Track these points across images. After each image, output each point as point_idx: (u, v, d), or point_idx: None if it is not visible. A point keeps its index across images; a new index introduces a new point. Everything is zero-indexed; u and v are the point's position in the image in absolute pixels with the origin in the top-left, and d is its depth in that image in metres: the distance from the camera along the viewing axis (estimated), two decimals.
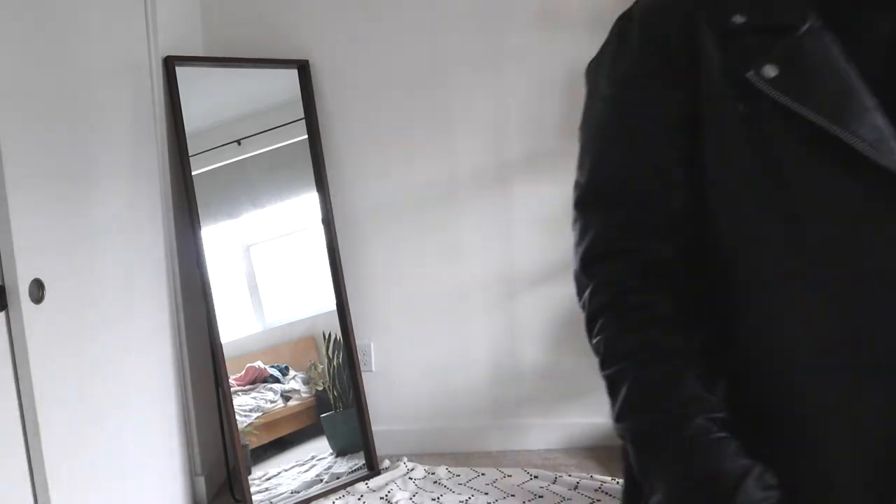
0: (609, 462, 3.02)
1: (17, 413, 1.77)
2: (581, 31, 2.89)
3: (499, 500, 2.76)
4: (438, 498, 2.79)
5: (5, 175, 1.70)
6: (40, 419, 1.79)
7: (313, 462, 2.89)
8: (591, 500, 2.73)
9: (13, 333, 1.74)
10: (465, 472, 2.98)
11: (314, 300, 2.99)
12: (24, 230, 1.77)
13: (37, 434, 1.79)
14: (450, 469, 3.01)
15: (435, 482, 2.91)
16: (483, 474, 2.96)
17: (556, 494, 2.77)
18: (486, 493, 2.81)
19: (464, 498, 2.78)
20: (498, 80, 2.97)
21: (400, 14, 2.96)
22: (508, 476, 2.92)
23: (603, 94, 0.90)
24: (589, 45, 3.22)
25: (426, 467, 3.02)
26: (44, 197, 1.87)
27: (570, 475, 2.89)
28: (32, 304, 1.78)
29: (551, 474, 2.91)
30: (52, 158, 1.93)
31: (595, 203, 0.89)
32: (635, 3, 0.90)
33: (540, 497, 2.77)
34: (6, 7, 1.72)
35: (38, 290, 1.81)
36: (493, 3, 2.94)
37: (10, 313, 1.74)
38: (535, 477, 2.88)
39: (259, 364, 2.84)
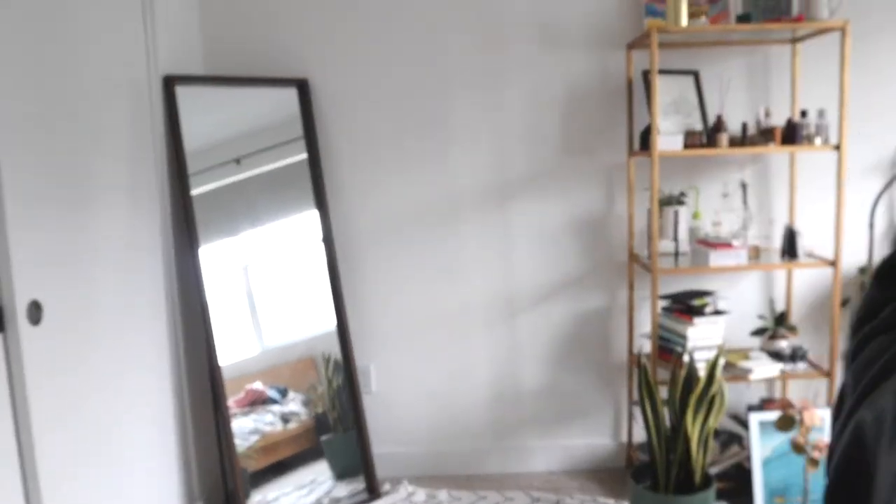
0: (612, 483, 2.99)
1: (13, 436, 1.74)
2: (581, 47, 2.90)
3: None
4: None
5: (4, 196, 1.68)
6: (36, 441, 1.76)
7: (313, 486, 2.85)
8: None
9: (10, 355, 1.72)
10: (465, 496, 2.94)
11: (313, 321, 2.96)
12: (23, 251, 1.74)
13: (33, 457, 1.76)
14: (451, 493, 2.97)
15: None
16: (485, 498, 2.92)
17: None
18: None
19: None
20: (497, 97, 2.97)
21: (399, 32, 2.96)
22: (510, 499, 2.88)
23: None
24: (588, 62, 3.27)
25: (427, 490, 2.98)
26: (42, 218, 1.85)
27: (572, 498, 2.85)
28: (30, 325, 1.76)
29: (554, 497, 2.87)
30: (51, 179, 1.91)
31: None
32: None
33: None
34: (6, 28, 1.71)
35: (36, 312, 1.78)
36: (492, 20, 2.94)
37: (8, 335, 1.71)
38: (538, 500, 2.84)
39: (258, 385, 2.80)
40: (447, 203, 3.04)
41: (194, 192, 2.65)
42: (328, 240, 2.95)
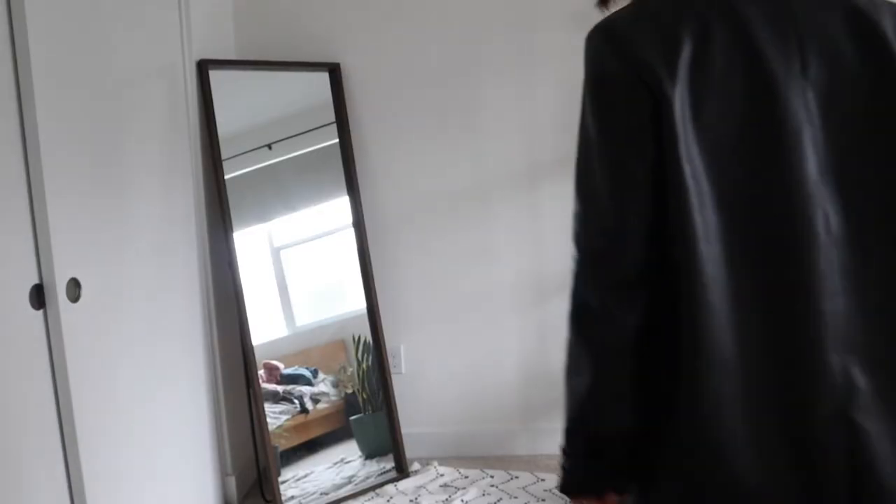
0: None
1: (55, 410, 1.79)
2: None
3: (530, 503, 2.74)
4: (468, 502, 2.77)
5: (44, 174, 1.72)
6: (76, 417, 1.82)
7: (342, 464, 2.89)
8: None
9: (51, 331, 1.77)
10: (498, 475, 2.96)
11: (344, 303, 2.99)
12: (62, 230, 1.79)
13: (73, 431, 1.81)
14: (483, 471, 3.00)
15: (465, 486, 2.89)
16: (517, 477, 2.94)
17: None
18: (516, 497, 2.79)
19: (492, 500, 2.77)
20: (529, 81, 2.96)
21: (430, 16, 2.96)
22: (542, 479, 2.90)
23: None
24: None
25: (457, 470, 3.01)
26: (81, 198, 1.90)
27: None
28: (70, 302, 1.81)
29: None
30: (89, 161, 1.95)
31: None
32: None
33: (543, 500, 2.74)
34: (47, 14, 1.75)
35: (75, 289, 1.83)
36: (525, 5, 2.93)
37: (48, 311, 1.76)
38: None
39: (273, 362, 2.83)
40: (478, 186, 3.05)
41: (227, 176, 2.69)
42: (359, 223, 2.97)
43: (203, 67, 2.63)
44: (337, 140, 2.96)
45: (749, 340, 0.90)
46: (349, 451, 2.92)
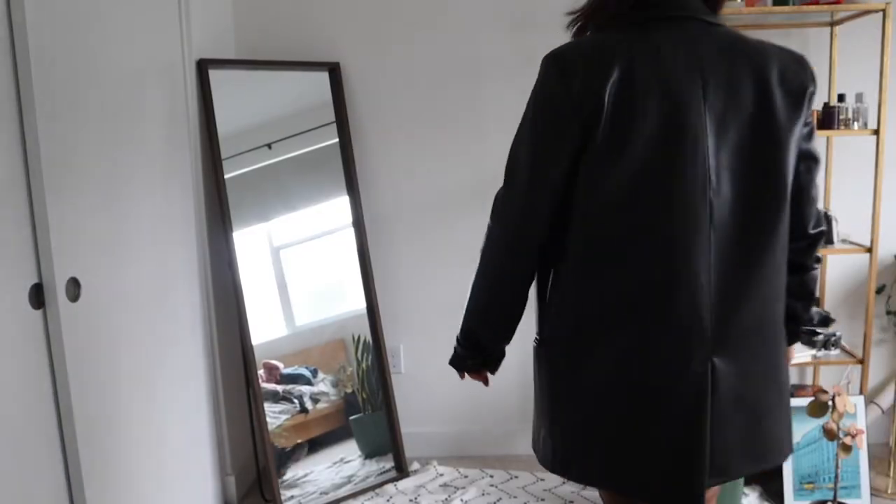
0: None
1: (54, 410, 1.79)
2: None
3: (530, 503, 2.74)
4: (468, 502, 2.77)
5: (43, 174, 1.72)
6: (76, 416, 1.82)
7: (342, 464, 2.89)
8: None
9: (50, 331, 1.77)
10: (498, 475, 2.96)
11: (344, 302, 2.99)
12: (62, 230, 1.79)
13: (72, 430, 1.81)
14: (482, 470, 3.00)
15: (464, 486, 2.89)
16: (517, 477, 2.94)
17: (588, 500, 2.74)
18: (516, 497, 2.79)
19: (492, 500, 2.77)
20: (529, 81, 2.94)
21: (430, 16, 2.96)
22: (542, 479, 2.91)
23: None
24: None
25: (456, 470, 3.01)
26: (80, 198, 1.90)
27: None
28: (69, 302, 1.80)
29: None
30: (88, 160, 1.95)
31: None
32: None
33: (571, 502, 2.74)
34: (47, 12, 1.75)
35: (74, 289, 1.83)
36: (525, 5, 2.93)
37: (48, 311, 1.76)
38: (565, 482, 2.85)
39: (273, 361, 2.83)
40: (477, 187, 3.05)
41: (227, 175, 2.68)
42: (358, 223, 2.97)
43: (203, 67, 2.63)
44: (337, 140, 2.96)
45: (633, 279, 1.26)
46: (349, 450, 2.92)
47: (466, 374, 1.58)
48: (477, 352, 1.51)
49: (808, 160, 1.37)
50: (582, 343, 1.32)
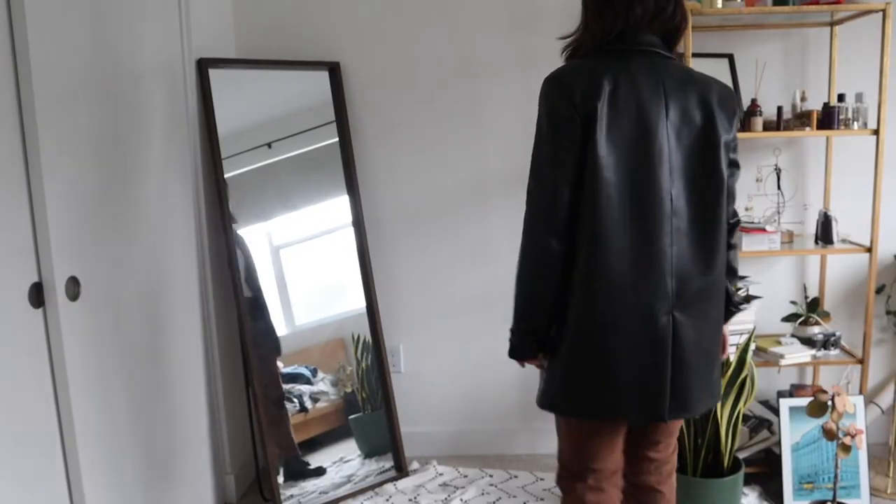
0: None
1: (54, 409, 1.79)
2: None
3: (529, 503, 2.74)
4: (467, 502, 2.77)
5: (43, 173, 1.72)
6: (75, 414, 1.82)
7: (341, 463, 2.89)
8: None
9: (50, 330, 1.77)
10: (497, 475, 2.96)
11: (343, 302, 2.99)
12: (61, 229, 1.79)
13: (72, 429, 1.81)
14: (482, 470, 3.00)
15: (463, 485, 2.89)
16: (516, 477, 2.94)
17: None
18: (515, 497, 2.79)
19: (491, 499, 2.77)
20: (528, 82, 2.96)
21: (430, 15, 2.96)
22: (541, 479, 2.91)
23: None
24: None
25: (456, 469, 3.01)
26: (80, 197, 1.90)
27: None
28: (69, 301, 1.81)
29: None
30: (88, 160, 1.95)
31: None
32: None
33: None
34: (46, 13, 1.75)
35: (74, 288, 1.83)
36: (524, 5, 2.93)
37: (47, 310, 1.76)
38: None
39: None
40: (477, 187, 3.05)
41: (227, 174, 2.68)
42: (358, 222, 2.97)
43: (203, 66, 2.63)
44: (336, 139, 2.96)
45: (628, 257, 1.61)
46: (348, 449, 2.92)
47: (526, 363, 1.79)
48: (531, 336, 1.72)
49: (733, 166, 1.74)
50: (584, 298, 1.65)
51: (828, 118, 2.67)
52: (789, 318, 2.92)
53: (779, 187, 2.89)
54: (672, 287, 1.64)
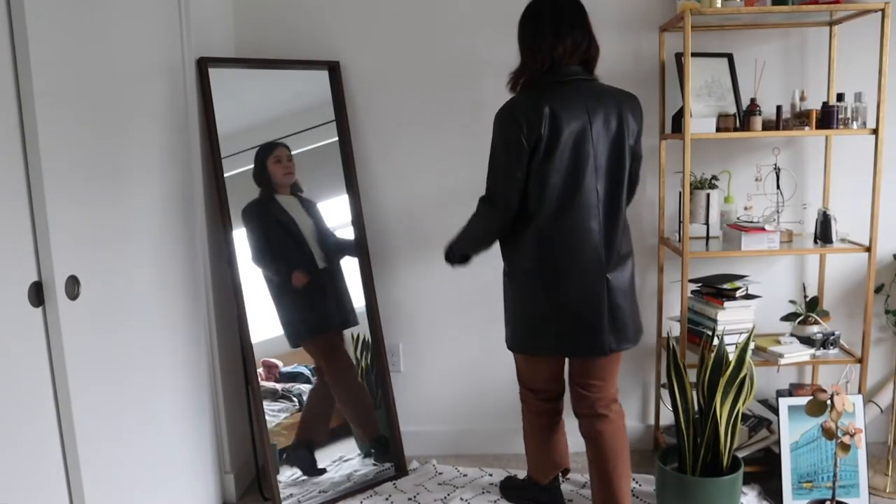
0: (638, 464, 2.99)
1: (53, 408, 1.79)
2: (614, 30, 2.88)
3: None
4: (468, 500, 2.78)
5: (43, 173, 1.72)
6: (75, 414, 1.82)
7: (341, 462, 2.89)
8: None
9: (49, 329, 1.77)
10: (496, 473, 2.97)
11: None
12: (61, 227, 1.79)
13: (72, 429, 1.82)
14: (481, 468, 3.00)
15: (463, 484, 2.90)
16: (514, 476, 2.94)
17: (586, 499, 2.75)
18: None
19: (491, 499, 2.77)
20: None
21: (430, 14, 2.97)
22: None
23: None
24: (620, 44, 3.22)
25: (455, 468, 3.01)
26: (80, 195, 1.90)
27: None
28: (68, 300, 1.81)
29: (582, 478, 2.89)
30: (88, 159, 1.95)
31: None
32: None
33: (570, 500, 2.75)
34: (47, 10, 1.75)
35: (73, 287, 1.83)
36: (524, 4, 2.93)
37: (47, 309, 1.76)
38: (567, 480, 2.86)
39: (272, 360, 2.83)
40: (477, 186, 3.03)
41: (227, 174, 2.69)
42: (358, 221, 2.97)
43: (203, 65, 2.63)
44: (336, 138, 2.96)
45: (563, 235, 2.19)
46: (348, 448, 2.92)
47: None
48: (462, 257, 2.46)
49: (636, 156, 2.29)
50: (540, 271, 2.24)
51: (827, 118, 2.67)
52: (788, 318, 2.92)
53: (778, 187, 2.89)
54: (603, 256, 2.20)
